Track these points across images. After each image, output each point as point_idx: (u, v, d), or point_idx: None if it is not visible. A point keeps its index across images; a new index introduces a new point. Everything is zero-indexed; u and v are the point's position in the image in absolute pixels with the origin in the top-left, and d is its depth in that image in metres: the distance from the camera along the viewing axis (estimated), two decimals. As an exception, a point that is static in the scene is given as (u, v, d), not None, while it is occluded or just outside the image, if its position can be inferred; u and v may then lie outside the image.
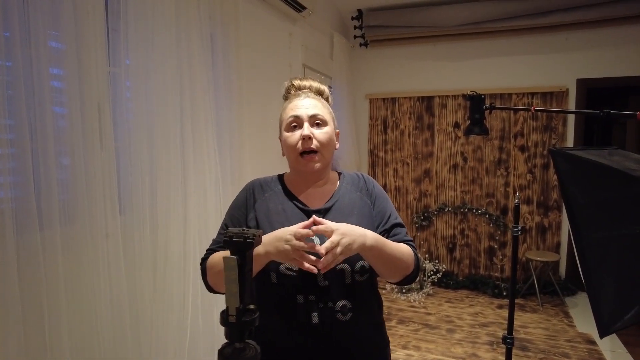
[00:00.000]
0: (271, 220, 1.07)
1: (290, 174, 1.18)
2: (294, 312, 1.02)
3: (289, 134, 1.08)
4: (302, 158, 1.06)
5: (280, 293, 1.03)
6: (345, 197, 1.12)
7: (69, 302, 1.41)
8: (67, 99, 1.45)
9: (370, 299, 1.11)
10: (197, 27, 2.02)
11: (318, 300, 1.01)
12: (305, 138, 1.05)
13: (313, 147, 1.06)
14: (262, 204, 1.11)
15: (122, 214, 1.67)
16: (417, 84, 4.49)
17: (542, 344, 3.07)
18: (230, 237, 0.60)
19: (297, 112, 1.08)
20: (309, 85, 1.17)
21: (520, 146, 4.17)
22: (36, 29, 1.34)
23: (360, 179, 1.17)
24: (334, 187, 1.15)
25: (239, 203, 1.14)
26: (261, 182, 1.16)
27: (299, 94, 1.14)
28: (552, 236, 4.13)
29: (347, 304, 1.02)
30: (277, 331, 1.04)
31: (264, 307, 1.06)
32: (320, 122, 1.09)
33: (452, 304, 3.86)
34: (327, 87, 1.20)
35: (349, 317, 1.02)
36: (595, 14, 3.74)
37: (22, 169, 1.30)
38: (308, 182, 1.12)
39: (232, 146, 2.34)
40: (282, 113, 1.14)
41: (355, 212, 1.09)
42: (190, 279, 1.94)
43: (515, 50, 4.14)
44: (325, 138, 1.07)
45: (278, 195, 1.12)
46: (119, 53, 1.69)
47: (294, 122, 1.08)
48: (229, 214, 1.14)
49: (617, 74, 3.88)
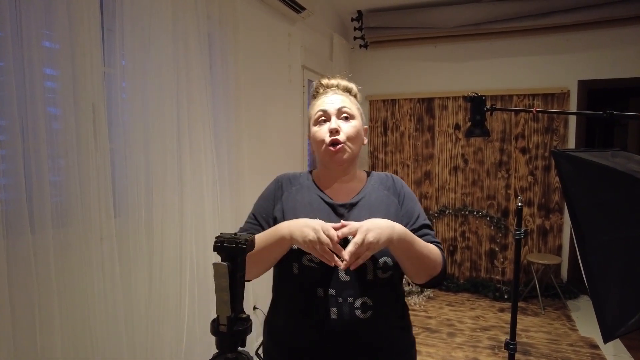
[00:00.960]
0: (297, 213, 1.07)
1: (318, 170, 1.19)
2: (313, 305, 1.00)
3: (317, 128, 1.11)
4: (330, 149, 1.07)
5: (300, 285, 1.02)
6: (372, 194, 1.12)
7: (61, 307, 1.38)
8: (61, 100, 1.42)
9: (393, 299, 1.08)
10: (194, 27, 2.00)
11: (337, 294, 0.99)
12: (332, 131, 1.07)
13: (340, 139, 1.07)
14: (289, 197, 1.12)
15: (117, 216, 1.64)
16: (418, 85, 4.46)
17: (544, 348, 3.03)
18: (221, 242, 0.57)
19: (325, 106, 1.11)
20: (336, 83, 1.20)
21: (522, 148, 4.14)
22: (29, 27, 1.31)
23: (389, 179, 1.18)
24: (361, 185, 1.15)
25: (268, 194, 1.17)
26: (290, 176, 1.19)
27: (327, 92, 1.17)
28: (554, 239, 4.09)
29: (367, 302, 1.00)
30: (295, 328, 1.03)
31: (285, 303, 1.07)
32: (348, 115, 1.11)
33: (452, 307, 3.82)
34: (355, 86, 1.23)
35: (369, 315, 1.00)
36: (596, 15, 3.71)
37: (14, 170, 1.28)
38: (335, 177, 1.14)
39: (229, 147, 2.31)
40: (310, 110, 1.17)
41: (382, 210, 1.09)
42: (186, 283, 1.91)
43: (516, 52, 4.12)
44: (353, 131, 1.09)
45: (305, 189, 1.14)
46: (114, 53, 1.66)
47: (322, 117, 1.11)
48: (257, 204, 1.17)
49: (618, 76, 3.85)
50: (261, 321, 2.89)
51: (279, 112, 3.14)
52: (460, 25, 4.08)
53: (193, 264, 1.95)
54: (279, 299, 1.12)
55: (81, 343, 1.45)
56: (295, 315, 1.04)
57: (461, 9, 4.04)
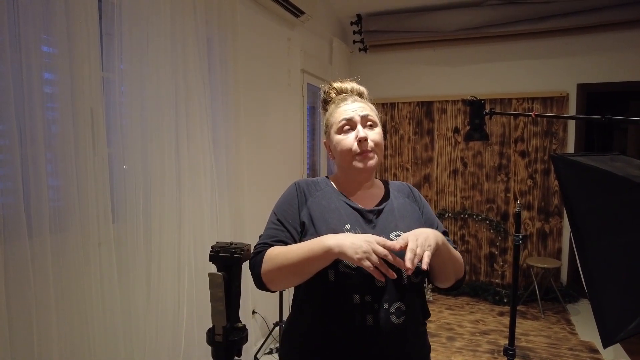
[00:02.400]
0: (326, 218, 1.06)
1: (337, 176, 1.18)
2: (350, 312, 0.99)
3: (342, 137, 1.10)
4: (360, 156, 1.08)
5: (336, 292, 1.00)
6: (394, 201, 1.14)
7: (59, 312, 1.38)
8: (59, 104, 1.42)
9: (420, 304, 1.09)
10: (193, 32, 2.00)
11: (374, 300, 0.99)
12: (361, 140, 1.07)
13: (369, 148, 1.08)
14: (314, 202, 1.11)
15: (115, 221, 1.64)
16: (417, 89, 4.46)
17: (544, 352, 3.02)
18: (217, 252, 0.57)
19: (350, 114, 1.10)
20: (350, 88, 1.20)
21: (521, 152, 4.14)
22: (27, 32, 1.31)
23: (406, 187, 1.21)
24: (382, 191, 1.17)
25: (290, 199, 1.12)
26: (309, 182, 1.17)
27: (345, 98, 1.16)
28: (553, 242, 4.09)
29: (401, 307, 1.00)
30: (324, 334, 1.01)
31: (310, 308, 1.04)
32: (372, 123, 1.11)
33: (452, 311, 3.81)
34: (366, 90, 1.23)
35: (402, 320, 1.00)
36: (595, 19, 3.72)
37: (12, 175, 1.28)
38: (358, 183, 1.14)
39: (228, 152, 2.31)
40: (330, 117, 1.16)
41: (407, 216, 1.11)
42: (184, 289, 1.90)
43: (515, 55, 4.12)
44: (378, 138, 1.11)
45: (329, 195, 1.13)
46: (113, 58, 1.66)
47: (347, 125, 1.10)
48: (281, 209, 1.11)
49: (618, 79, 3.86)
50: (260, 326, 2.89)
51: (278, 117, 3.14)
52: (459, 29, 4.09)
53: (191, 269, 1.95)
54: (305, 305, 1.07)
55: (78, 348, 1.44)
56: (325, 322, 1.01)
57: (460, 13, 4.04)
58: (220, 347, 0.58)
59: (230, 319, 0.57)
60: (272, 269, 0.97)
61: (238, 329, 0.58)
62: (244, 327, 0.59)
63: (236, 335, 0.58)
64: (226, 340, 0.57)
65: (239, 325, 0.59)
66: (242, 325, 0.59)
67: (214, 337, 0.58)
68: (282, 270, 0.96)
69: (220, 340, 0.58)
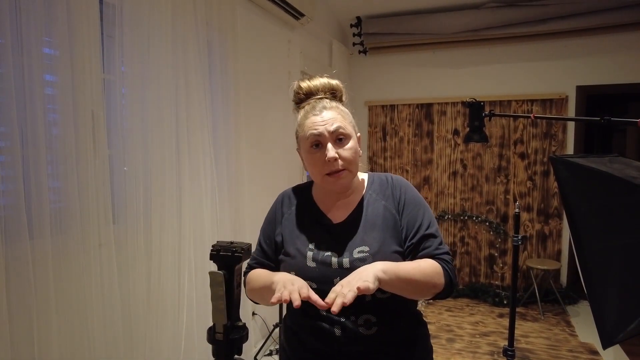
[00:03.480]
0: (293, 238, 1.08)
1: (316, 185, 1.15)
2: (319, 322, 1.00)
3: (311, 155, 1.03)
4: (329, 177, 1.01)
5: (306, 304, 0.98)
6: (369, 207, 1.07)
7: (59, 313, 1.38)
8: (60, 106, 1.43)
9: (402, 312, 1.05)
10: (193, 34, 2.01)
11: (339, 314, 0.94)
12: (330, 160, 0.99)
13: (339, 168, 1.00)
14: (287, 219, 1.12)
15: (116, 223, 1.64)
16: (416, 91, 4.47)
17: (544, 354, 3.02)
18: (218, 251, 0.58)
19: (318, 129, 1.01)
20: (320, 87, 1.10)
21: (520, 153, 4.14)
22: (29, 34, 1.32)
23: (389, 185, 1.10)
24: (359, 195, 1.09)
25: (270, 217, 1.17)
26: (290, 193, 1.17)
27: (314, 105, 1.06)
28: (553, 244, 4.09)
29: (371, 318, 0.99)
30: (308, 338, 1.04)
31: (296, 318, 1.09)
32: (343, 136, 1.02)
33: (452, 312, 3.81)
34: (340, 83, 1.13)
35: (374, 331, 0.99)
36: (593, 21, 3.73)
37: (13, 177, 1.28)
38: (334, 196, 1.10)
39: (228, 154, 2.31)
40: (299, 128, 1.07)
41: (379, 225, 1.03)
42: (185, 290, 1.90)
43: (515, 58, 4.14)
44: (350, 154, 1.01)
45: (302, 209, 1.12)
46: (114, 60, 1.67)
47: (315, 141, 1.01)
48: (263, 228, 1.17)
49: (617, 81, 3.87)
50: (260, 327, 2.89)
51: (278, 118, 3.15)
52: (459, 31, 4.10)
53: (191, 270, 1.95)
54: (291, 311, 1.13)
55: (79, 349, 1.45)
56: (304, 326, 1.05)
57: (459, 15, 4.06)
58: (221, 345, 0.58)
59: (230, 318, 0.58)
60: (250, 290, 1.09)
61: (238, 328, 0.59)
62: (244, 325, 0.60)
63: (236, 334, 0.58)
64: (227, 338, 0.58)
65: (240, 323, 0.59)
66: (242, 324, 0.59)
67: (215, 336, 0.58)
68: (254, 294, 1.08)
69: (220, 338, 0.58)
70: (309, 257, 1.02)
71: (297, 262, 1.03)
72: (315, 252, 1.03)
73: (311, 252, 1.03)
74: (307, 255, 1.03)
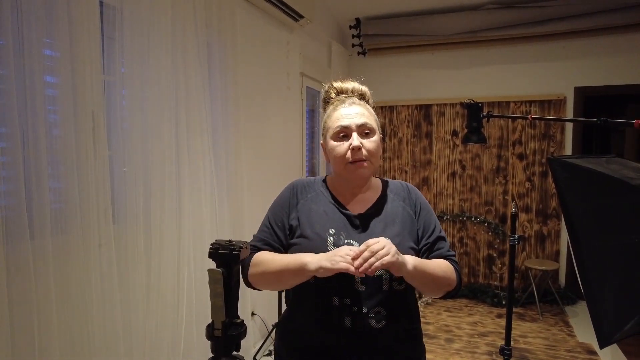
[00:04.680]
0: (312, 222, 1.08)
1: (334, 178, 1.18)
2: (329, 314, 1.02)
3: (337, 144, 1.08)
4: (352, 165, 1.07)
5: (318, 294, 1.04)
6: (388, 205, 1.13)
7: (60, 313, 1.39)
8: (61, 107, 1.44)
9: (408, 307, 1.10)
10: (193, 36, 2.02)
11: (352, 304, 1.00)
12: (354, 149, 1.05)
13: (363, 157, 1.06)
14: (304, 205, 1.13)
15: (116, 223, 1.65)
16: (415, 92, 4.49)
17: (542, 354, 3.03)
18: (216, 249, 0.59)
19: (345, 121, 1.08)
20: (351, 89, 1.17)
21: (519, 154, 4.16)
22: (30, 36, 1.33)
23: (405, 189, 1.18)
24: (377, 194, 1.15)
25: (283, 202, 1.16)
26: (304, 183, 1.18)
27: (344, 100, 1.13)
28: (552, 244, 4.11)
29: (381, 311, 1.02)
30: (313, 333, 1.05)
31: (301, 309, 1.09)
32: (369, 131, 1.09)
33: (450, 313, 3.82)
34: (368, 89, 1.20)
35: (383, 325, 1.01)
36: (591, 22, 3.75)
37: (14, 177, 1.29)
38: (352, 188, 1.14)
39: (228, 155, 2.33)
40: (327, 120, 1.13)
41: (398, 221, 1.10)
42: (184, 289, 1.92)
43: (513, 59, 4.16)
44: (374, 147, 1.08)
45: (321, 197, 1.14)
46: (114, 61, 1.68)
47: (342, 132, 1.08)
48: (272, 212, 1.16)
49: (614, 82, 3.89)
50: (259, 327, 2.90)
51: (278, 119, 3.17)
52: (458, 32, 4.12)
53: (190, 270, 1.96)
54: (295, 304, 1.13)
55: (79, 348, 1.46)
56: (310, 321, 1.05)
57: (458, 16, 4.08)
58: (220, 341, 0.59)
59: (229, 314, 0.59)
60: (256, 273, 1.05)
61: (237, 324, 0.60)
62: (243, 322, 0.61)
63: (235, 330, 0.60)
64: (225, 334, 0.59)
65: (238, 320, 0.60)
66: (240, 321, 0.61)
67: (214, 332, 0.60)
68: (264, 277, 1.04)
69: (219, 335, 0.59)
70: (330, 242, 1.04)
71: (317, 244, 1.04)
72: (336, 237, 1.05)
73: (332, 237, 1.05)
74: (327, 239, 1.05)
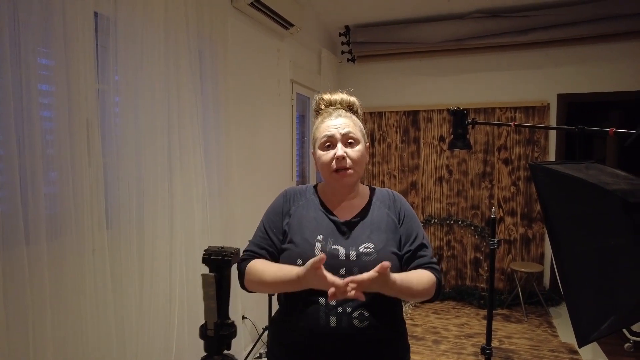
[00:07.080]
0: (302, 228, 1.15)
1: (323, 186, 1.25)
2: (316, 313, 1.07)
3: (323, 153, 1.16)
4: (337, 174, 1.14)
5: (306, 294, 1.08)
6: (374, 212, 1.20)
7: (54, 317, 1.42)
8: (56, 115, 1.47)
9: (390, 308, 1.15)
10: (185, 45, 2.06)
11: (337, 304, 1.06)
12: (339, 158, 1.13)
13: (347, 166, 1.13)
14: (296, 211, 1.19)
15: (109, 228, 1.68)
16: (403, 98, 4.57)
17: (526, 354, 3.11)
18: (209, 255, 0.63)
19: (330, 131, 1.16)
20: (339, 100, 1.25)
21: (504, 159, 4.26)
22: (26, 45, 1.36)
23: (390, 197, 1.25)
24: (364, 202, 1.22)
25: (277, 208, 1.22)
26: (296, 190, 1.25)
27: (331, 112, 1.21)
28: (536, 247, 4.20)
29: (364, 312, 1.07)
30: (302, 331, 1.09)
31: (291, 308, 1.13)
32: (353, 140, 1.16)
33: (438, 315, 3.89)
34: (357, 100, 1.27)
35: (366, 325, 1.07)
36: (574, 32, 3.86)
37: (10, 183, 1.32)
38: (340, 195, 1.21)
39: (219, 161, 2.37)
40: (315, 131, 1.21)
41: (383, 228, 1.16)
42: (176, 294, 1.95)
43: (498, 66, 4.26)
44: (357, 156, 1.16)
45: (311, 205, 1.21)
46: (108, 70, 1.71)
47: (328, 142, 1.16)
48: (267, 218, 1.22)
49: (597, 90, 4.00)
50: (250, 330, 2.93)
51: (268, 126, 3.21)
52: (444, 40, 4.21)
53: (183, 274, 2.00)
54: (286, 303, 1.17)
55: (73, 352, 1.48)
56: (299, 320, 1.09)
57: (445, 25, 4.17)
58: (212, 341, 0.64)
59: (220, 316, 0.64)
60: (252, 281, 1.09)
61: (228, 325, 0.65)
62: (233, 323, 0.66)
63: (226, 330, 0.64)
64: (217, 334, 0.64)
65: (229, 321, 0.65)
66: (231, 321, 0.65)
67: (207, 332, 0.64)
68: (260, 284, 1.09)
69: (212, 334, 0.64)
70: (318, 247, 1.10)
71: (305, 250, 1.10)
72: (324, 243, 1.11)
73: (319, 243, 1.11)
74: (315, 245, 1.11)
